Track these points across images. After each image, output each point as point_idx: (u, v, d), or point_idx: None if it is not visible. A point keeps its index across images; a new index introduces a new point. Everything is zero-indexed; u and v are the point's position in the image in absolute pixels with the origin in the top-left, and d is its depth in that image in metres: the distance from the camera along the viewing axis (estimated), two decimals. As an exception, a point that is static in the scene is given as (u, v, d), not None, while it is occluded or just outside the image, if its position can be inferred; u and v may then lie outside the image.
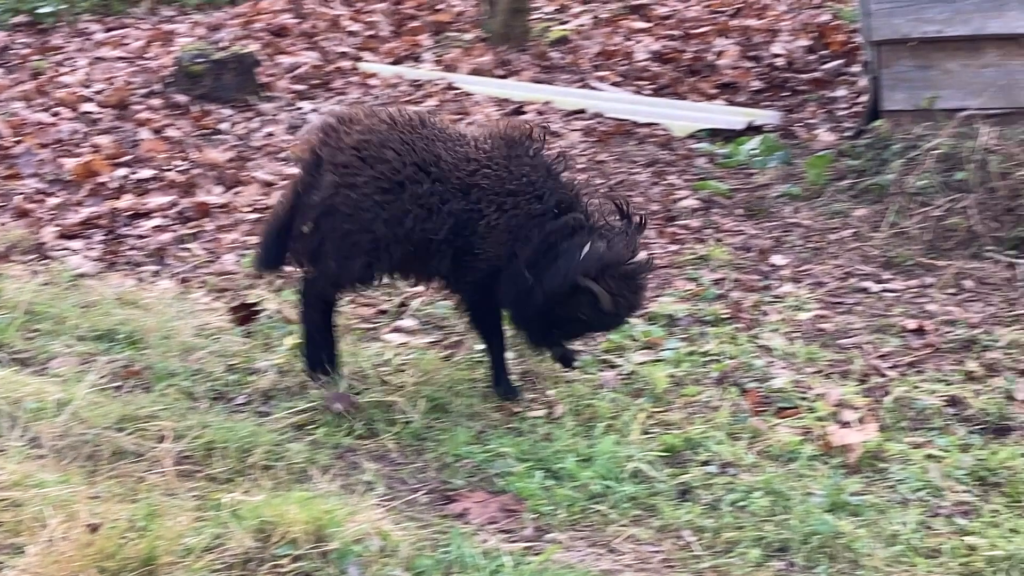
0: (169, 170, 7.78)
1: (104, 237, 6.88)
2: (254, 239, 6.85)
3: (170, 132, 8.46)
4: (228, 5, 13.89)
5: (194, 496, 4.34)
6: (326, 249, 5.19)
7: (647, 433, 5.10)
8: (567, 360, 5.47)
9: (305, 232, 5.21)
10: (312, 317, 5.38)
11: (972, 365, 5.82)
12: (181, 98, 9.07)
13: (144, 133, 8.38)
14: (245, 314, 5.92)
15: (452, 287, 5.38)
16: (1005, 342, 6.07)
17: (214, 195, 7.49)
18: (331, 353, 5.41)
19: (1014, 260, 7.14)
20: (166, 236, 6.84)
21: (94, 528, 3.89)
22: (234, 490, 4.35)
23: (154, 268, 6.50)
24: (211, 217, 7.18)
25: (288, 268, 5.51)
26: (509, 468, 4.72)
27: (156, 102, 9.04)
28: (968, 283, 6.91)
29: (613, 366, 5.69)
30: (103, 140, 8.15)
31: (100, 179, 7.56)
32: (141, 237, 6.86)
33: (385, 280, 5.47)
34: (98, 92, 9.29)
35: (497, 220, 5.14)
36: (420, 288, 6.22)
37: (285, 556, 3.97)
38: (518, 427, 5.07)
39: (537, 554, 4.18)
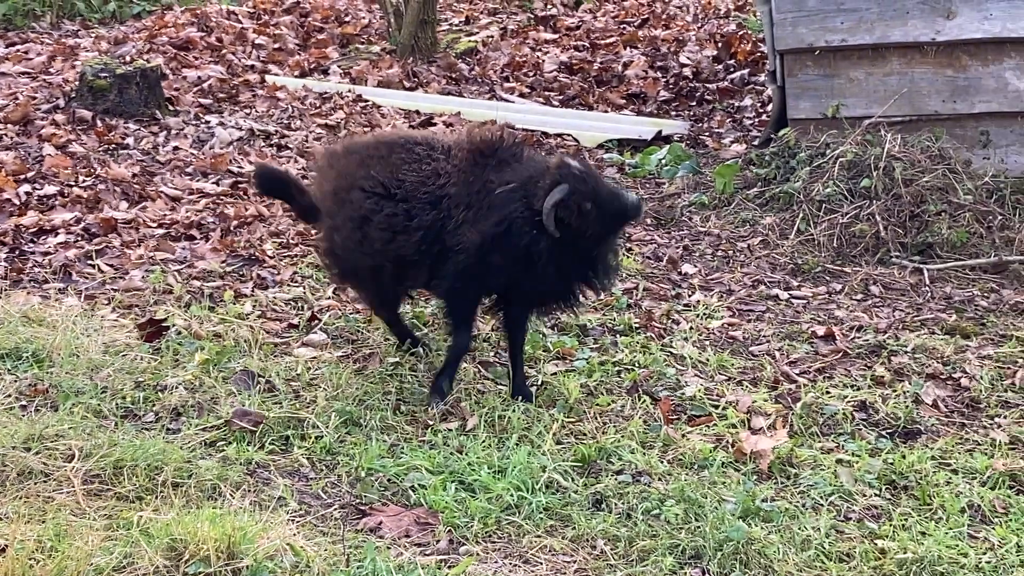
0: (74, 186, 7.68)
1: (8, 254, 6.78)
2: (161, 254, 6.79)
3: (74, 147, 8.35)
4: (132, 19, 13.78)
5: (103, 515, 4.29)
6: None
7: (560, 443, 5.10)
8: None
9: None
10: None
11: (880, 370, 5.88)
12: (85, 113, 8.95)
13: (48, 149, 8.27)
14: (153, 330, 5.85)
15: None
16: (912, 347, 6.14)
17: (120, 211, 7.40)
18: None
19: (920, 265, 7.22)
20: (72, 252, 6.74)
21: (1, 550, 3.83)
22: (144, 508, 4.31)
23: (60, 285, 6.40)
24: (117, 233, 7.09)
25: None
26: (422, 481, 4.70)
27: (60, 117, 8.92)
28: (875, 289, 6.98)
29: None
30: (6, 156, 8.03)
31: (4, 196, 7.45)
32: (46, 254, 6.76)
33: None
34: (0, 108, 9.16)
35: (465, 215, 5.32)
36: (334, 301, 6.26)
37: (197, 574, 3.93)
38: (431, 440, 5.05)
39: (452, 567, 4.17)
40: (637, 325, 6.33)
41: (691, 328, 6.37)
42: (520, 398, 5.42)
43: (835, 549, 4.41)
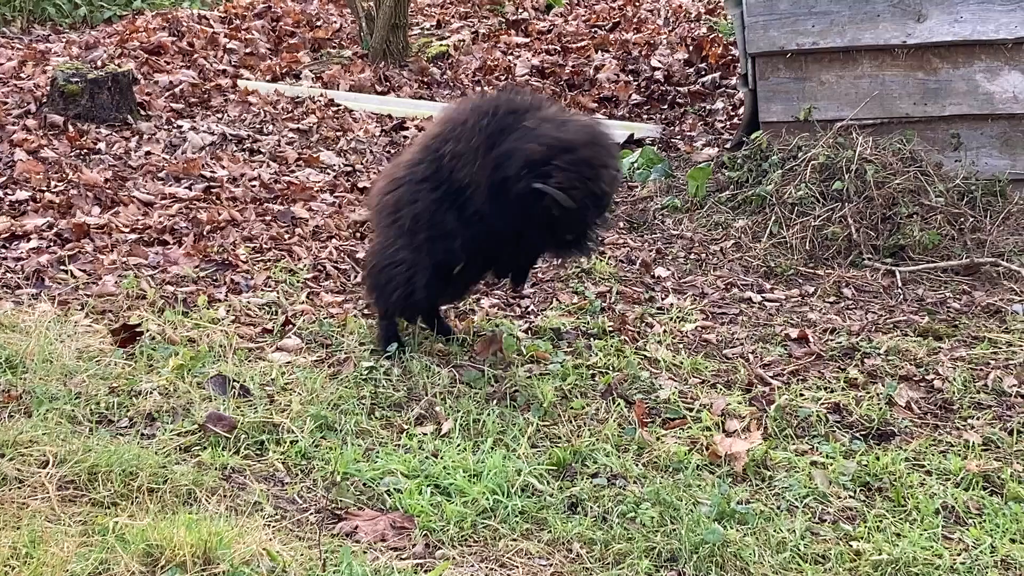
0: (46, 191, 7.65)
1: (-21, 260, 6.76)
2: (134, 259, 6.77)
3: (46, 152, 8.32)
4: (103, 24, 13.75)
5: (79, 521, 4.27)
6: None
7: (535, 447, 5.10)
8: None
9: None
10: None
11: (854, 372, 5.90)
12: (57, 118, 8.92)
13: (20, 154, 8.23)
14: (127, 336, 5.84)
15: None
16: (885, 349, 6.17)
17: (92, 216, 7.38)
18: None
19: (892, 268, 7.25)
20: (44, 258, 6.72)
21: (-24, 557, 3.82)
22: (120, 514, 4.29)
23: (32, 291, 6.38)
24: (90, 238, 7.07)
25: None
26: (398, 485, 4.70)
27: (31, 122, 8.88)
28: (848, 291, 7.01)
29: (497, 379, 5.69)
30: (-23, 162, 8.02)
31: (-26, 201, 7.43)
32: (18, 259, 6.74)
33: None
34: (-29, 113, 9.13)
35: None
36: (307, 307, 6.28)
37: (173, 580, 3.93)
38: (406, 444, 5.05)
39: (428, 571, 4.17)
40: (611, 329, 6.34)
41: (665, 331, 6.39)
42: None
43: (810, 551, 4.43)
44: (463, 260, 5.77)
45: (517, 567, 4.29)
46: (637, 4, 13.94)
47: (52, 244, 6.98)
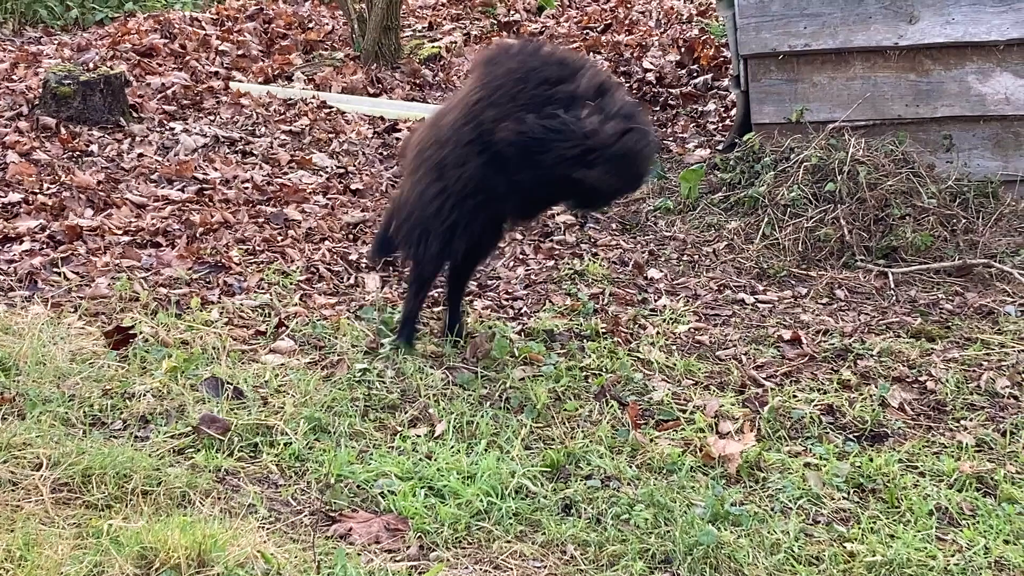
0: (38, 193, 7.63)
1: (-28, 263, 6.75)
2: (127, 262, 6.77)
3: (39, 155, 8.31)
4: (95, 26, 13.73)
5: (72, 524, 4.27)
6: None
7: (529, 449, 5.11)
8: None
9: None
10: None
11: (847, 374, 5.91)
12: (49, 120, 8.90)
13: (12, 156, 8.22)
14: (120, 338, 5.83)
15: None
16: (878, 350, 6.18)
17: (85, 218, 7.37)
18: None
19: (884, 269, 7.27)
20: (37, 260, 6.70)
21: (-30, 560, 3.82)
22: (114, 517, 4.28)
23: (25, 293, 6.37)
24: (83, 240, 7.06)
25: None
26: (392, 487, 4.69)
27: (23, 125, 8.86)
28: (840, 293, 7.02)
29: (491, 381, 5.69)
30: (-31, 165, 8.01)
31: (-33, 204, 7.42)
32: (11, 262, 6.72)
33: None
34: (-37, 116, 9.11)
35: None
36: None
37: (167, 582, 3.92)
38: (400, 446, 5.05)
39: (422, 573, 4.17)
40: (604, 330, 6.34)
41: (658, 333, 6.39)
42: None
43: (805, 552, 4.44)
44: (511, 217, 6.10)
45: (511, 569, 4.29)
46: (629, 6, 13.94)
47: (45, 246, 6.97)
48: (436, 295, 6.49)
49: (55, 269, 6.67)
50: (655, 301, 6.87)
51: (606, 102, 5.46)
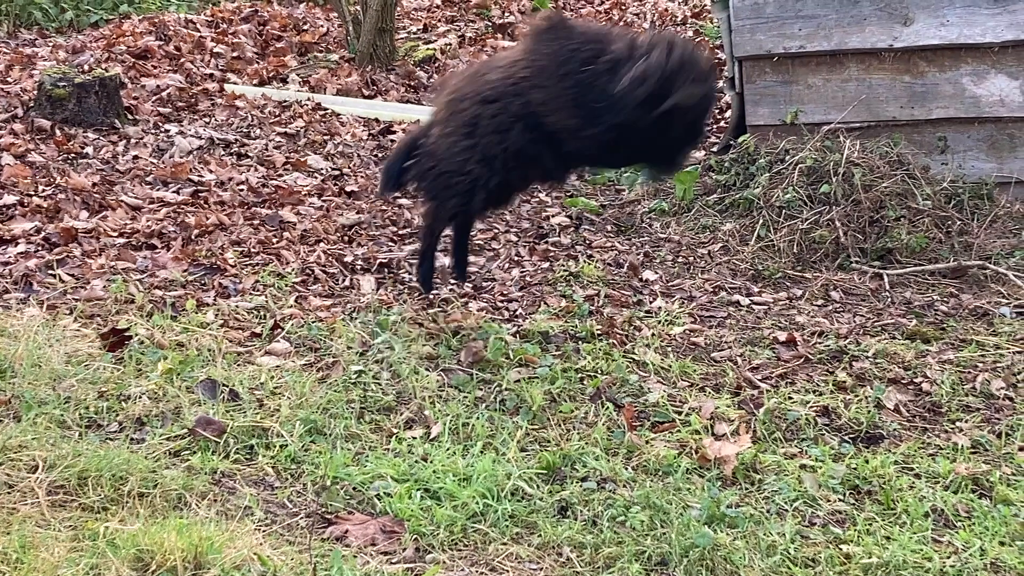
0: (33, 195, 7.63)
1: (-33, 265, 6.75)
2: (122, 264, 6.76)
3: (34, 157, 8.31)
4: (90, 28, 13.72)
5: (69, 526, 4.26)
6: None
7: (525, 451, 5.11)
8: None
9: None
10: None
11: (842, 375, 5.91)
12: (44, 122, 8.91)
13: (7, 158, 8.22)
14: (116, 340, 5.83)
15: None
16: (873, 352, 6.18)
17: (80, 220, 7.37)
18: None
19: (879, 271, 7.27)
20: (32, 262, 6.70)
21: (-34, 562, 3.81)
22: (110, 519, 4.28)
23: (21, 295, 6.36)
24: (78, 242, 7.06)
25: None
26: (388, 489, 4.69)
27: (18, 127, 8.87)
28: (835, 294, 7.03)
29: (487, 382, 5.69)
30: (-36, 167, 8.00)
31: (-38, 206, 7.42)
32: (6, 264, 6.72)
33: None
34: (-42, 118, 9.11)
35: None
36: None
37: (163, 585, 3.92)
38: (396, 448, 5.05)
39: (419, 575, 4.17)
40: (599, 332, 6.34)
41: (653, 335, 6.39)
42: None
43: (800, 554, 4.44)
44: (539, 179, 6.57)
45: (507, 571, 4.29)
46: (623, 8, 13.95)
47: (40, 248, 6.97)
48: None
49: (50, 271, 6.67)
50: (650, 303, 6.88)
51: (637, 51, 5.76)
